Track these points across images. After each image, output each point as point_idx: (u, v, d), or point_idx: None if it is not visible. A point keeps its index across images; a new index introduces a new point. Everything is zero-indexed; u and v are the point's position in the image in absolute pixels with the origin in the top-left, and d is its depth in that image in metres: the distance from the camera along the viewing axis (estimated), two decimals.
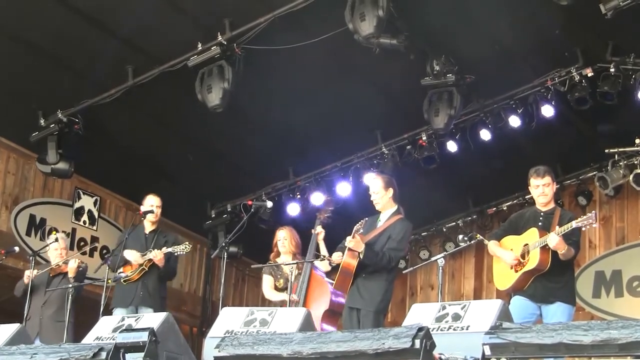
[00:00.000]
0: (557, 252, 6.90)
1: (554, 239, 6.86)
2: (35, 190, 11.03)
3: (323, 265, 8.38)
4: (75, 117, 10.27)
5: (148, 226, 8.87)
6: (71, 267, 8.71)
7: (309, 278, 8.37)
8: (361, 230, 7.57)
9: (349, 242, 7.44)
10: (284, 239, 8.73)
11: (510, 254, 7.18)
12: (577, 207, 11.76)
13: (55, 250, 9.06)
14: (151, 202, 8.85)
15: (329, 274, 8.48)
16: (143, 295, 8.55)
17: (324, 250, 8.27)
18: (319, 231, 8.32)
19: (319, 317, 8.09)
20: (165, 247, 8.57)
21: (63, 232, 10.27)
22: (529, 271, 7.04)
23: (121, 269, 8.60)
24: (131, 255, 8.59)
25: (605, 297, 11.71)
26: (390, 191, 7.79)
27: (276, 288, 8.60)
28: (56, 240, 9.11)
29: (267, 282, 8.68)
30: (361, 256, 7.46)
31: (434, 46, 9.59)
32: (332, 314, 8.25)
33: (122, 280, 8.54)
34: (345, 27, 8.49)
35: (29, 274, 8.76)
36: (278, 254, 8.75)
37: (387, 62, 9.29)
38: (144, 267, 8.56)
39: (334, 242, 7.94)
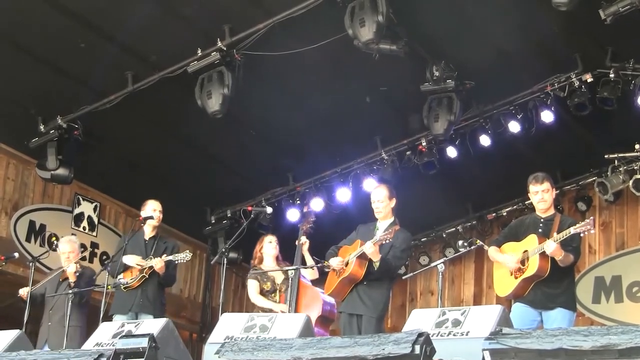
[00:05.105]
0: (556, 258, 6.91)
1: (551, 246, 6.86)
2: (35, 196, 11.03)
3: (309, 274, 8.39)
4: (75, 123, 10.27)
5: (148, 232, 8.85)
6: (69, 272, 8.69)
7: (298, 286, 8.34)
8: (389, 240, 7.50)
9: (368, 248, 7.42)
10: (275, 242, 8.74)
11: (512, 257, 7.16)
12: (577, 213, 11.76)
13: (63, 254, 9.04)
14: (153, 207, 8.83)
15: (315, 282, 8.49)
16: (143, 302, 8.54)
17: (309, 260, 8.31)
18: (304, 241, 8.36)
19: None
20: (165, 255, 8.56)
21: (73, 235, 10.17)
22: (528, 277, 7.03)
23: (121, 276, 8.58)
24: (131, 259, 8.58)
25: (605, 302, 11.70)
26: (394, 201, 7.82)
27: (262, 291, 8.55)
28: (54, 248, 9.09)
29: (253, 287, 8.61)
30: (376, 265, 7.48)
31: (434, 52, 9.59)
32: (324, 321, 8.25)
33: (122, 287, 8.53)
34: (344, 32, 8.51)
35: (22, 293, 8.76)
36: (261, 260, 8.72)
37: (387, 67, 9.30)
38: (144, 274, 8.55)
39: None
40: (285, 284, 8.37)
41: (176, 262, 8.62)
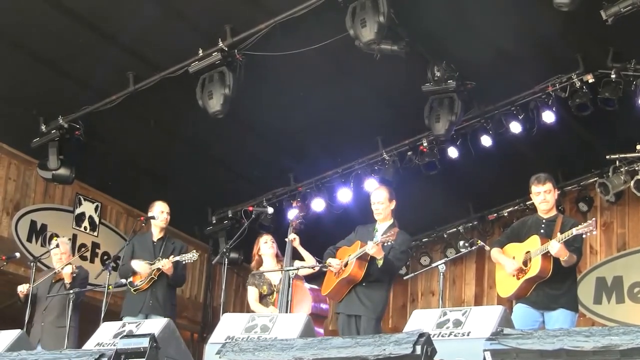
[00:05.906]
0: (559, 259, 6.90)
1: (555, 246, 6.85)
2: (36, 196, 11.04)
3: (304, 270, 8.38)
4: (76, 123, 10.28)
5: (156, 233, 8.84)
6: (66, 273, 8.70)
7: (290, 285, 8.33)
8: (391, 242, 7.50)
9: (371, 248, 7.42)
10: (271, 241, 8.73)
11: (512, 263, 7.17)
12: (578, 213, 11.76)
13: (55, 256, 9.05)
14: (161, 209, 8.81)
15: (309, 279, 8.50)
16: (153, 303, 8.53)
17: (305, 254, 8.34)
18: (293, 237, 8.36)
19: None
20: (172, 256, 8.55)
21: (65, 237, 10.21)
22: (530, 278, 7.03)
23: (131, 278, 8.59)
24: (139, 266, 8.59)
25: (606, 303, 11.70)
26: (393, 203, 7.83)
27: (261, 296, 8.53)
28: (57, 246, 9.10)
29: (252, 294, 8.57)
30: (380, 263, 7.48)
31: (435, 52, 9.59)
32: (316, 318, 8.24)
33: (132, 290, 8.55)
34: (346, 33, 8.50)
35: (21, 290, 8.77)
36: (260, 262, 8.70)
37: (388, 68, 9.30)
38: (153, 276, 8.56)
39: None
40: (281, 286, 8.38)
41: (184, 262, 8.62)
